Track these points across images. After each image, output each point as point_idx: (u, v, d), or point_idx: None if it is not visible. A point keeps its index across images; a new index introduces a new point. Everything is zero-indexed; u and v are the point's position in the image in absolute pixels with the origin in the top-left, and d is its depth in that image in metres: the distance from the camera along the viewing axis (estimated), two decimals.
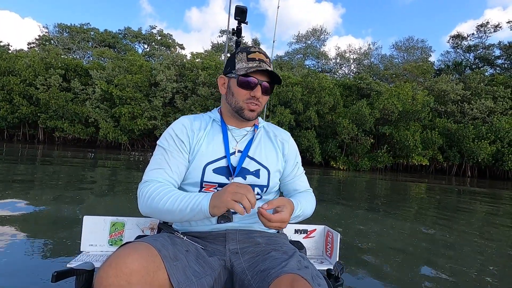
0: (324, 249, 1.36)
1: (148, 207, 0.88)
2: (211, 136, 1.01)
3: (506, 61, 28.16)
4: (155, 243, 0.75)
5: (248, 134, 1.05)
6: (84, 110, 17.86)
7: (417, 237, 3.46)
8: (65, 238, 2.48)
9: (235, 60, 0.98)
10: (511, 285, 2.28)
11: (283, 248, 0.90)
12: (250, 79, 0.95)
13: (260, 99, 0.98)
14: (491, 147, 16.15)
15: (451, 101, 18.98)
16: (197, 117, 1.07)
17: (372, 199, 6.47)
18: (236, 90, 0.97)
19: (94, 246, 1.21)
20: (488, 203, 7.13)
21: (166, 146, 0.97)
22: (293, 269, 0.74)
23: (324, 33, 34.54)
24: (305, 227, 1.37)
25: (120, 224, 1.24)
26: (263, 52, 0.99)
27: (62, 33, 30.96)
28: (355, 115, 15.73)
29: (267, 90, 0.99)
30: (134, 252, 0.68)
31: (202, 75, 18.01)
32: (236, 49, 2.02)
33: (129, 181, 6.17)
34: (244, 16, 1.90)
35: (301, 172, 1.13)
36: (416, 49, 31.79)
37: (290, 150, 1.09)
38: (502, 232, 4.05)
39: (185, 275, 0.74)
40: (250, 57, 0.96)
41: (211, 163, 0.96)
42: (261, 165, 1.00)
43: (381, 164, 16.37)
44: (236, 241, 0.93)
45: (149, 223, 1.25)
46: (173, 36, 35.41)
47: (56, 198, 3.96)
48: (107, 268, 0.65)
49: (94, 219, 1.21)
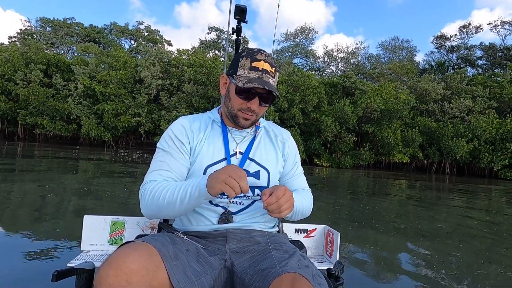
0: (325, 249, 1.36)
1: (150, 206, 0.88)
2: (211, 138, 1.00)
3: (487, 61, 29.02)
4: (155, 242, 0.75)
5: (249, 135, 1.05)
6: (66, 106, 17.51)
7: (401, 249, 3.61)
8: (65, 237, 2.48)
9: (238, 65, 0.94)
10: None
11: (284, 248, 0.89)
12: (248, 91, 0.92)
13: (256, 110, 0.96)
14: (469, 145, 16.67)
15: (432, 100, 19.46)
16: (196, 118, 1.05)
17: (354, 192, 6.63)
18: (233, 97, 0.95)
19: (94, 246, 1.21)
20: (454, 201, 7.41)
21: (166, 147, 0.96)
22: (294, 268, 0.74)
23: (313, 32, 34.78)
24: (305, 226, 1.37)
25: (121, 224, 1.23)
26: (269, 61, 0.94)
27: (45, 27, 30.12)
28: (338, 113, 15.96)
29: (266, 101, 0.96)
30: (134, 252, 0.68)
31: (187, 72, 17.89)
32: (237, 49, 2.01)
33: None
34: (244, 15, 1.90)
35: (300, 172, 1.12)
36: (401, 49, 32.40)
37: (289, 149, 1.09)
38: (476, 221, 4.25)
39: (185, 275, 0.74)
40: (253, 66, 0.92)
41: (212, 165, 0.95)
42: (261, 167, 1.00)
43: (364, 161, 16.69)
44: (237, 240, 0.93)
45: (149, 223, 1.25)
46: (161, 32, 35.08)
47: (54, 198, 3.92)
48: (107, 267, 0.65)
49: (94, 219, 1.21)
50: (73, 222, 2.93)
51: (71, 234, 2.57)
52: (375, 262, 2.56)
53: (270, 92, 0.93)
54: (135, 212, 3.57)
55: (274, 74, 0.95)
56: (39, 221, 2.92)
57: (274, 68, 0.95)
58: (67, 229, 2.71)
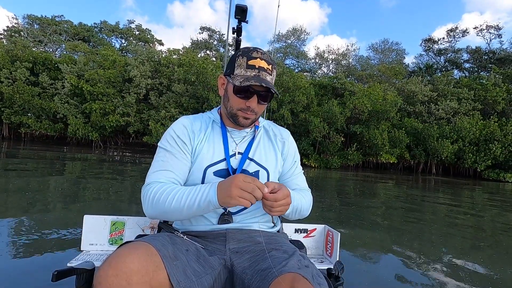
0: (325, 249, 1.35)
1: (154, 209, 0.87)
2: (212, 138, 1.00)
3: (473, 65, 29.71)
4: (154, 242, 0.75)
5: (248, 135, 1.05)
6: (52, 105, 17.21)
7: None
8: (65, 237, 2.47)
9: (235, 64, 0.94)
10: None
11: (283, 248, 0.89)
12: (246, 89, 0.92)
13: (255, 109, 0.95)
14: (453, 146, 17.02)
15: (419, 101, 19.83)
16: (197, 118, 1.05)
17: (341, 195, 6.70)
18: (232, 96, 0.95)
19: (94, 245, 1.20)
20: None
21: (168, 147, 0.96)
22: (294, 268, 0.73)
23: (304, 33, 35.02)
24: (305, 226, 1.37)
25: (121, 224, 1.24)
26: (265, 58, 0.94)
27: (32, 24, 29.57)
28: (326, 114, 16.12)
29: (265, 99, 0.96)
30: (134, 252, 0.68)
31: (177, 71, 17.80)
32: (237, 49, 2.03)
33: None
34: (244, 15, 1.89)
35: (299, 172, 1.11)
36: (391, 51, 32.90)
37: (289, 148, 1.09)
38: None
39: (185, 275, 0.74)
40: (249, 64, 0.92)
41: (212, 165, 0.96)
42: (260, 166, 1.00)
43: (351, 162, 16.88)
44: (236, 240, 0.93)
45: (150, 223, 1.25)
46: (152, 31, 34.80)
47: (53, 198, 3.89)
48: (107, 267, 0.65)
49: (94, 218, 1.21)
50: (73, 222, 2.91)
51: (71, 234, 2.57)
52: (368, 261, 2.61)
53: (268, 90, 0.93)
54: (135, 211, 3.60)
55: (271, 71, 0.95)
56: (40, 221, 2.90)
57: (271, 66, 0.95)
58: (67, 229, 2.70)
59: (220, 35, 32.05)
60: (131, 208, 3.81)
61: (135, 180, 6.41)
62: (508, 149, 16.53)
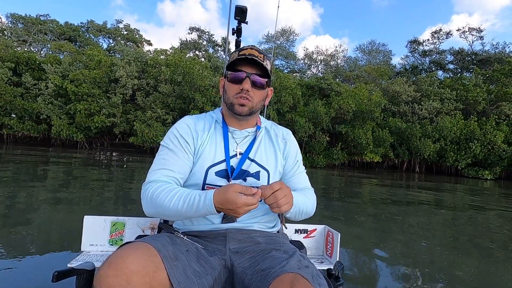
0: (325, 249, 1.35)
1: (153, 207, 0.87)
2: (214, 138, 1.01)
3: (457, 66, 30.52)
4: (154, 243, 0.75)
5: (250, 136, 1.05)
6: (35, 106, 16.93)
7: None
8: (65, 238, 2.47)
9: (230, 61, 0.98)
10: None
11: (283, 248, 0.89)
12: (238, 72, 0.95)
13: (250, 93, 0.95)
14: (435, 145, 17.48)
15: (403, 102, 20.28)
16: (200, 118, 1.06)
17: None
18: (227, 85, 0.98)
19: (94, 246, 1.21)
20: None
21: (171, 146, 0.97)
22: (294, 269, 0.74)
23: (293, 34, 35.30)
24: (305, 227, 1.37)
25: (121, 224, 1.23)
26: (256, 49, 0.98)
27: (16, 24, 28.96)
28: (311, 114, 16.35)
29: (260, 85, 0.97)
30: (134, 252, 0.68)
31: (164, 72, 17.74)
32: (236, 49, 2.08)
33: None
34: (244, 16, 1.89)
35: (301, 171, 1.11)
36: (378, 52, 33.48)
37: (290, 148, 1.08)
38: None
39: (185, 275, 0.74)
40: (240, 54, 0.95)
41: (213, 166, 0.96)
42: (261, 167, 1.00)
43: (337, 161, 17.15)
44: (237, 240, 0.93)
45: (150, 223, 1.24)
46: (140, 31, 34.50)
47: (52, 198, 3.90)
48: (107, 268, 0.65)
49: (94, 219, 1.21)
50: (73, 222, 2.92)
51: (71, 234, 2.58)
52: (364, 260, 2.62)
53: (260, 74, 0.96)
54: (136, 212, 3.63)
55: (263, 60, 0.95)
56: (39, 221, 2.90)
57: (262, 55, 0.96)
58: (67, 229, 2.71)
59: (210, 35, 32.03)
60: (125, 208, 3.83)
61: (122, 181, 6.41)
62: (487, 147, 17.08)
